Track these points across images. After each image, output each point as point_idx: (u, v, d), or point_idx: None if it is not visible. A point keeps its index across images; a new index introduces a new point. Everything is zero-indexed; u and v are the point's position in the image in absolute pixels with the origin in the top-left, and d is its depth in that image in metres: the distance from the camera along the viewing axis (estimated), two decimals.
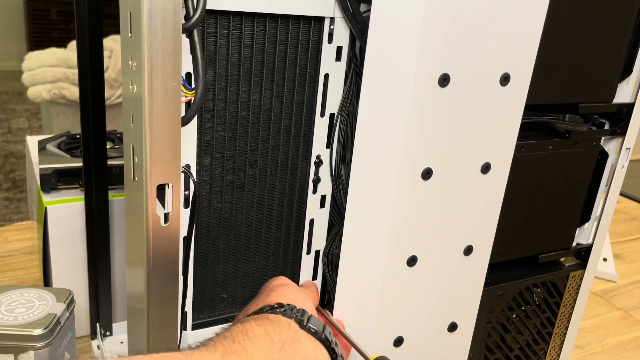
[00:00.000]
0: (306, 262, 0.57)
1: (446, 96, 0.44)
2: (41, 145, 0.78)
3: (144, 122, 0.38)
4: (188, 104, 0.43)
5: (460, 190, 0.49)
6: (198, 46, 0.40)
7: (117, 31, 0.41)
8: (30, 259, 0.91)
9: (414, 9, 0.41)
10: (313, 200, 0.55)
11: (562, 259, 0.64)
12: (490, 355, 0.62)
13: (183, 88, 0.39)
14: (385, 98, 0.44)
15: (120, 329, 0.70)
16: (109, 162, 0.62)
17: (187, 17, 0.39)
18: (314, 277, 0.58)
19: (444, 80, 0.43)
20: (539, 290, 0.62)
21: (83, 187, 0.63)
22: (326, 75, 0.51)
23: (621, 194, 1.33)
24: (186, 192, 0.47)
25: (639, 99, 0.57)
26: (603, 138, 0.59)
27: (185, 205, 0.48)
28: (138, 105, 0.39)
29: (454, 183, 0.48)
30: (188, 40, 0.40)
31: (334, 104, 0.52)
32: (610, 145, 0.60)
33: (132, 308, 0.47)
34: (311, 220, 0.56)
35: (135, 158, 0.41)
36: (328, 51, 0.50)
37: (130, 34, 0.39)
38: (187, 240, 0.48)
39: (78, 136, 0.82)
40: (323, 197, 0.55)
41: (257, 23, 0.46)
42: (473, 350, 0.59)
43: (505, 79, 0.46)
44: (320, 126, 0.53)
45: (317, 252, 0.57)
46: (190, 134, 0.46)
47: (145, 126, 0.38)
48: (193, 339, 0.53)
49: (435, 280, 0.51)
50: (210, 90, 0.47)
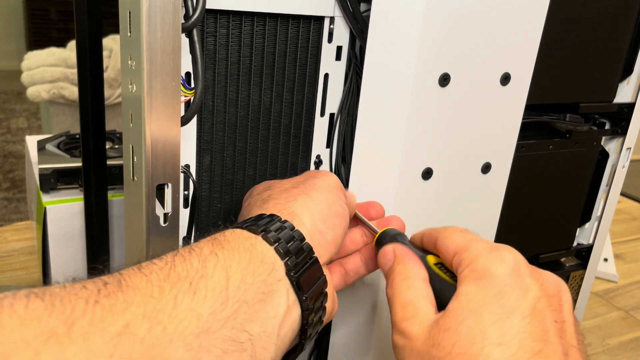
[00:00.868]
0: None
1: (446, 96, 0.44)
2: (40, 145, 0.78)
3: (143, 122, 0.38)
4: (187, 103, 0.42)
5: (460, 190, 0.49)
6: (197, 46, 0.40)
7: (117, 31, 0.41)
8: (30, 259, 0.91)
9: (414, 8, 0.41)
10: None
11: (563, 259, 0.64)
12: None
13: (182, 88, 0.39)
14: (385, 98, 0.44)
15: None
16: (109, 162, 0.62)
17: (187, 17, 0.39)
18: None
19: (444, 79, 0.43)
20: None
21: (82, 187, 0.63)
22: (326, 75, 0.51)
23: (622, 194, 1.33)
24: (185, 192, 0.47)
25: (639, 98, 0.57)
26: (604, 138, 0.59)
27: (185, 206, 0.48)
28: (137, 105, 0.38)
29: (455, 183, 0.48)
30: (187, 39, 0.40)
31: (333, 104, 0.52)
32: (611, 145, 0.60)
33: None
34: None
35: (135, 158, 0.41)
36: (328, 51, 0.50)
37: (129, 34, 0.38)
38: (187, 240, 0.48)
39: (77, 136, 0.82)
40: None
41: (257, 22, 0.46)
42: None
43: (505, 79, 0.46)
44: (320, 126, 0.52)
45: None
46: (189, 133, 0.46)
47: (144, 126, 0.38)
48: None
49: None
50: (209, 90, 0.47)
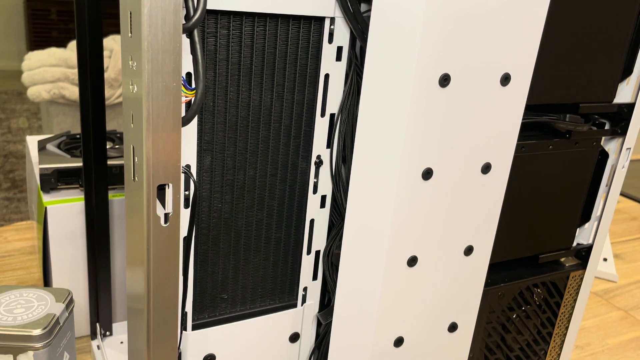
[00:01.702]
0: (306, 262, 0.57)
1: (447, 96, 0.44)
2: (41, 145, 0.78)
3: (144, 122, 0.38)
4: (188, 104, 0.43)
5: (460, 190, 0.49)
6: (198, 46, 0.40)
7: (117, 31, 0.41)
8: (30, 259, 0.91)
9: (414, 9, 0.41)
10: (313, 200, 0.55)
11: (563, 259, 0.64)
12: (490, 356, 0.61)
13: (183, 88, 0.39)
14: (385, 98, 0.44)
15: (120, 329, 0.70)
16: (109, 162, 0.62)
17: (188, 17, 0.39)
18: (314, 277, 0.58)
19: (445, 80, 0.43)
20: (539, 290, 0.62)
21: (83, 187, 0.63)
22: (326, 75, 0.51)
23: (621, 194, 1.33)
24: (186, 193, 0.47)
25: (639, 99, 0.57)
26: (603, 138, 0.59)
27: (186, 206, 0.48)
28: (138, 105, 0.39)
29: (455, 183, 0.48)
30: (188, 40, 0.40)
31: (334, 104, 0.52)
32: (611, 146, 0.60)
33: (132, 308, 0.47)
34: (311, 221, 0.56)
35: (136, 158, 0.41)
36: (328, 51, 0.50)
37: (130, 34, 0.38)
38: (187, 240, 0.48)
39: (78, 136, 0.82)
40: (323, 197, 0.55)
41: (258, 23, 0.46)
42: (473, 351, 0.59)
43: (505, 79, 0.46)
44: (321, 126, 0.52)
45: (317, 252, 0.57)
46: (190, 134, 0.46)
47: (145, 126, 0.38)
48: (193, 339, 0.53)
49: (435, 280, 0.51)
50: (210, 90, 0.47)
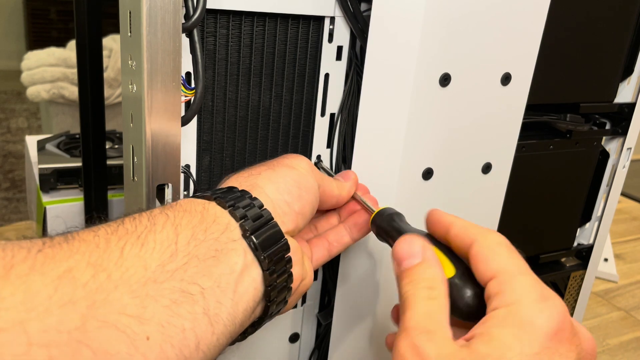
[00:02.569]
0: None
1: (447, 96, 0.44)
2: (40, 145, 0.78)
3: (143, 122, 0.38)
4: (188, 103, 0.42)
5: (461, 190, 0.48)
6: (198, 46, 0.40)
7: (117, 30, 0.41)
8: None
9: (414, 8, 0.41)
10: None
11: (563, 259, 0.64)
12: None
13: (183, 88, 0.39)
14: (385, 98, 0.44)
15: None
16: (109, 162, 0.62)
17: (187, 17, 0.39)
18: (314, 278, 0.58)
19: (445, 79, 0.43)
20: None
21: (82, 187, 0.63)
22: (326, 75, 0.51)
23: (622, 194, 1.33)
24: (185, 193, 0.47)
25: (639, 99, 0.57)
26: (604, 138, 0.59)
27: None
28: (138, 105, 0.38)
29: (455, 183, 0.48)
30: (188, 39, 0.40)
31: (334, 104, 0.52)
32: (612, 145, 0.60)
33: None
34: None
35: (135, 158, 0.41)
36: (328, 51, 0.50)
37: (129, 34, 0.38)
38: None
39: (77, 136, 0.82)
40: None
41: (257, 23, 0.46)
42: None
43: (506, 79, 0.46)
44: (321, 126, 0.52)
45: None
46: (190, 134, 0.46)
47: (144, 126, 0.38)
48: None
49: None
50: (209, 90, 0.47)
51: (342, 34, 0.49)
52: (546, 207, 0.58)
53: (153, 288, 0.28)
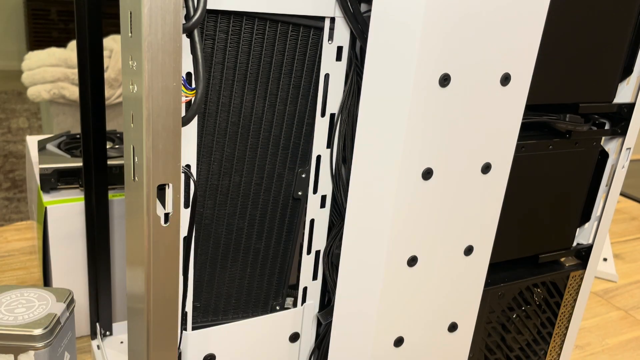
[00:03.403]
0: (306, 262, 0.57)
1: (447, 96, 0.44)
2: (41, 145, 0.78)
3: (144, 122, 0.38)
4: (188, 104, 0.43)
5: (460, 190, 0.49)
6: (198, 46, 0.40)
7: (117, 31, 0.41)
8: (30, 259, 0.91)
9: (414, 9, 0.41)
10: (313, 200, 0.55)
11: (563, 259, 0.64)
12: (490, 355, 0.62)
13: (183, 88, 0.39)
14: (385, 98, 0.44)
15: (120, 328, 0.70)
16: (109, 162, 0.62)
17: (188, 17, 0.39)
18: (314, 277, 0.58)
19: (445, 80, 0.43)
20: (539, 290, 0.62)
21: (83, 187, 0.63)
22: (326, 75, 0.51)
23: (621, 194, 1.33)
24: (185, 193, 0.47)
25: (639, 99, 0.57)
26: (603, 138, 0.59)
27: (185, 206, 0.48)
28: (138, 105, 0.39)
29: (455, 183, 0.48)
30: (188, 40, 0.40)
31: (334, 104, 0.52)
32: (611, 145, 0.60)
33: (132, 308, 0.47)
34: (311, 221, 0.56)
35: (136, 158, 0.41)
36: (328, 51, 0.50)
37: (130, 34, 0.38)
38: (187, 240, 0.48)
39: (78, 136, 0.82)
40: (323, 197, 0.55)
41: (258, 23, 0.46)
42: (473, 351, 0.59)
43: (505, 79, 0.46)
44: (321, 126, 0.52)
45: (317, 252, 0.57)
46: (190, 134, 0.46)
47: (145, 126, 0.38)
48: (193, 339, 0.53)
49: (435, 280, 0.51)
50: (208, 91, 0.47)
51: (342, 35, 0.50)
52: (545, 207, 0.58)
53: None
